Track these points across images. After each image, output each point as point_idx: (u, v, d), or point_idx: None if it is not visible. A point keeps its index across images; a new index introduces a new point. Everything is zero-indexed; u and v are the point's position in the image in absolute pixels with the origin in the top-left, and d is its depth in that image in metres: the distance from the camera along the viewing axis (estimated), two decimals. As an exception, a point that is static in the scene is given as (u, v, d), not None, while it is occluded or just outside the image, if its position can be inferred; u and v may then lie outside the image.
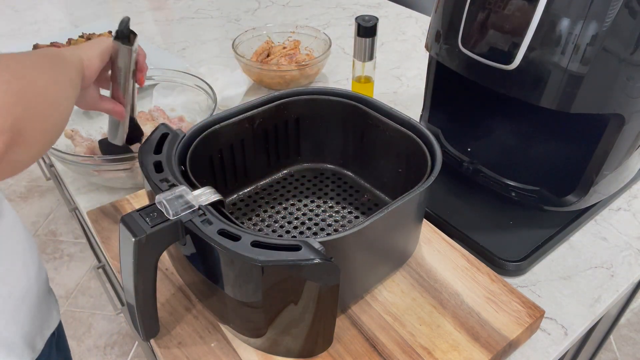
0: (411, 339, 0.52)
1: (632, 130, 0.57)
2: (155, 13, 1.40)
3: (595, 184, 0.61)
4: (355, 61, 0.84)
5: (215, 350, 0.51)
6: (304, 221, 0.65)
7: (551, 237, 0.66)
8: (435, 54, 0.65)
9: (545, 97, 0.53)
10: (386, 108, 0.63)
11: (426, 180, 0.53)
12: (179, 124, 0.84)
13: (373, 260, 0.54)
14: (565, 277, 0.63)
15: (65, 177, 0.81)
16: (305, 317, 0.46)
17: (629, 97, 0.53)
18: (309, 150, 0.72)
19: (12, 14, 1.38)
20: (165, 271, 0.59)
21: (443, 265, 0.59)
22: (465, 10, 0.57)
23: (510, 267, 0.62)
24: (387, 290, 0.57)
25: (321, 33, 1.06)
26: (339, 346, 0.51)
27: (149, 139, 0.55)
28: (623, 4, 0.47)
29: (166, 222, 0.43)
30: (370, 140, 0.66)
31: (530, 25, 0.51)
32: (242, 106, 0.63)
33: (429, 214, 0.68)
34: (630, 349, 1.52)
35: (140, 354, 1.53)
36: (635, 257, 0.65)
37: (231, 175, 0.67)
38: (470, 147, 0.77)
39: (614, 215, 0.72)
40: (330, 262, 0.41)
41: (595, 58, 0.49)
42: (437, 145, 0.56)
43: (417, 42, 1.22)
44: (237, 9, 1.41)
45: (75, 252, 1.88)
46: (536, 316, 0.54)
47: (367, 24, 0.77)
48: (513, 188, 0.69)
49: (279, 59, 1.03)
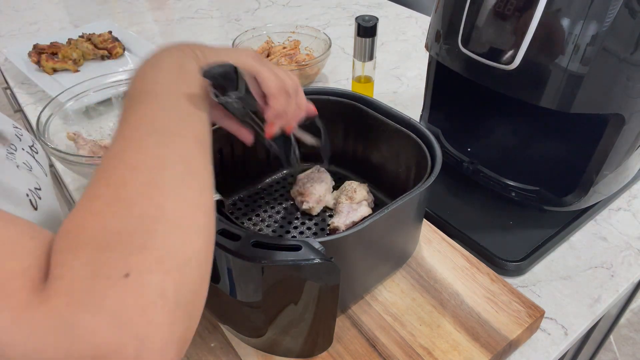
0: (411, 339, 0.52)
1: (632, 130, 0.57)
2: (155, 13, 1.40)
3: (595, 184, 0.61)
4: (355, 61, 0.84)
5: (215, 350, 0.51)
6: (304, 221, 0.65)
7: (551, 237, 0.66)
8: (435, 54, 0.65)
9: (545, 97, 0.53)
10: (386, 108, 0.63)
11: (426, 180, 0.53)
12: (179, 124, 0.83)
13: (373, 260, 0.54)
14: (565, 277, 0.63)
15: (65, 177, 0.81)
16: (305, 317, 0.46)
17: (629, 97, 0.53)
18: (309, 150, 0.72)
19: (12, 14, 1.38)
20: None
21: (443, 265, 0.59)
22: (465, 10, 0.57)
23: (510, 267, 0.62)
24: (387, 290, 0.57)
25: (321, 33, 1.06)
26: (339, 346, 0.51)
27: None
28: (623, 4, 0.47)
29: (166, 222, 0.43)
30: (370, 140, 0.66)
31: (530, 26, 0.51)
32: (242, 106, 0.63)
33: (429, 214, 0.68)
34: (630, 349, 1.52)
35: (140, 354, 1.53)
36: (635, 257, 0.65)
37: (231, 175, 0.67)
38: (470, 147, 0.77)
39: (614, 215, 0.71)
40: (330, 262, 0.41)
41: (595, 58, 0.49)
42: (437, 145, 0.56)
43: (417, 42, 1.22)
44: (237, 9, 1.41)
45: (75, 252, 1.87)
46: (536, 316, 0.54)
47: (367, 24, 0.77)
48: (513, 188, 0.69)
49: (279, 59, 1.03)
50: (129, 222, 0.27)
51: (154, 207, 0.28)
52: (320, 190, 0.66)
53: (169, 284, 0.27)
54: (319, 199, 0.65)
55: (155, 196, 0.29)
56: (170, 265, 0.27)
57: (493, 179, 0.70)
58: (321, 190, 0.66)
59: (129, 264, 0.26)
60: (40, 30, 1.29)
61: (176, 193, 0.30)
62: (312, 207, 0.65)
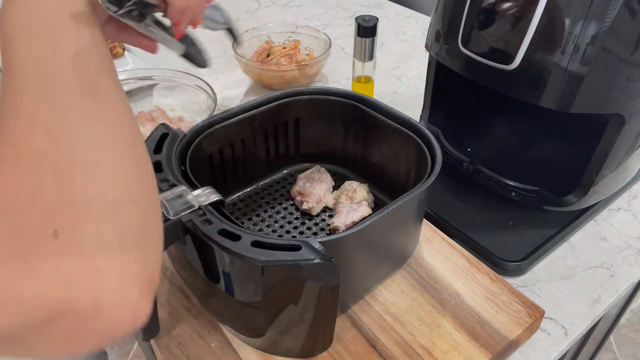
0: (411, 339, 0.52)
1: (632, 130, 0.57)
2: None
3: (595, 184, 0.61)
4: (355, 61, 0.84)
5: (215, 350, 0.51)
6: (304, 221, 0.65)
7: (551, 237, 0.66)
8: (435, 54, 0.65)
9: (545, 97, 0.53)
10: (386, 108, 0.63)
11: (426, 180, 0.53)
12: (179, 124, 0.84)
13: (373, 260, 0.54)
14: (565, 277, 0.63)
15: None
16: (305, 317, 0.46)
17: (629, 97, 0.53)
18: (309, 150, 0.72)
19: (12, 14, 1.38)
20: (165, 271, 0.59)
21: (443, 265, 0.59)
22: (465, 10, 0.57)
23: (510, 267, 0.62)
24: (387, 290, 0.57)
25: (321, 33, 1.06)
26: (339, 346, 0.51)
27: (148, 139, 0.55)
28: (623, 4, 0.47)
29: (166, 222, 0.43)
30: (370, 140, 0.66)
31: (530, 25, 0.51)
32: (242, 106, 0.63)
33: (429, 214, 0.68)
34: (630, 349, 1.52)
35: (140, 354, 1.53)
36: (635, 257, 0.65)
37: (231, 175, 0.67)
38: (470, 147, 0.77)
39: (614, 215, 0.71)
40: (330, 262, 0.41)
41: (595, 58, 0.49)
42: (437, 145, 0.56)
43: (417, 42, 1.22)
44: (237, 9, 1.41)
45: (75, 252, 1.88)
46: (536, 316, 0.54)
47: (367, 24, 0.77)
48: (513, 188, 0.69)
49: (279, 59, 1.03)
50: (40, 179, 0.25)
51: (63, 155, 0.26)
52: (320, 190, 0.66)
53: (105, 230, 0.25)
54: (319, 199, 0.65)
55: (62, 143, 0.26)
56: (99, 210, 0.25)
57: (493, 179, 0.70)
58: (321, 190, 0.66)
59: (53, 222, 0.24)
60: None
61: (86, 134, 0.27)
62: (312, 207, 0.65)
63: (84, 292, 0.24)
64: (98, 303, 0.24)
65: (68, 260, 0.24)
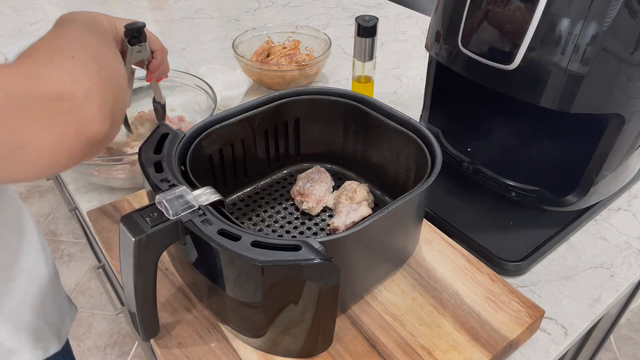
0: (411, 339, 0.52)
1: (632, 130, 0.57)
2: (155, 13, 1.40)
3: (595, 184, 0.61)
4: (355, 61, 0.84)
5: (215, 350, 0.51)
6: (304, 221, 0.65)
7: (551, 237, 0.66)
8: (435, 54, 0.65)
9: (545, 97, 0.53)
10: (386, 108, 0.63)
11: (426, 180, 0.53)
12: (179, 124, 0.84)
13: (373, 260, 0.54)
14: (565, 277, 0.63)
15: (65, 177, 0.81)
16: (305, 317, 0.46)
17: (629, 97, 0.53)
18: (309, 150, 0.72)
19: (12, 14, 1.38)
20: (165, 271, 0.59)
21: (443, 265, 0.59)
22: (465, 10, 0.57)
23: (510, 267, 0.62)
24: (387, 290, 0.57)
25: (321, 33, 1.06)
26: (339, 346, 0.51)
27: (149, 139, 0.55)
28: (623, 4, 0.47)
29: (166, 222, 0.43)
30: (370, 140, 0.66)
31: (530, 25, 0.51)
32: (242, 106, 0.63)
33: (429, 214, 0.68)
34: (630, 349, 1.52)
35: (140, 354, 1.53)
36: (635, 257, 0.65)
37: (231, 175, 0.67)
38: (470, 147, 0.77)
39: (614, 215, 0.72)
40: (330, 262, 0.41)
41: (595, 58, 0.49)
42: (437, 145, 0.56)
43: (417, 42, 1.22)
44: (237, 9, 1.41)
45: (75, 252, 1.88)
46: (536, 316, 0.54)
47: (367, 24, 0.77)
48: (513, 188, 0.69)
49: (279, 59, 1.03)
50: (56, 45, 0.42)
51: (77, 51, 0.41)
52: (320, 191, 0.66)
53: (92, 68, 0.39)
54: (318, 199, 0.65)
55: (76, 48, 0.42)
56: (92, 69, 0.40)
57: (493, 179, 0.70)
58: (321, 191, 0.66)
59: (72, 53, 0.40)
60: (40, 30, 1.29)
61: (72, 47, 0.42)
62: (312, 207, 0.65)
63: (81, 88, 0.37)
64: (86, 98, 0.37)
65: (79, 68, 0.38)
